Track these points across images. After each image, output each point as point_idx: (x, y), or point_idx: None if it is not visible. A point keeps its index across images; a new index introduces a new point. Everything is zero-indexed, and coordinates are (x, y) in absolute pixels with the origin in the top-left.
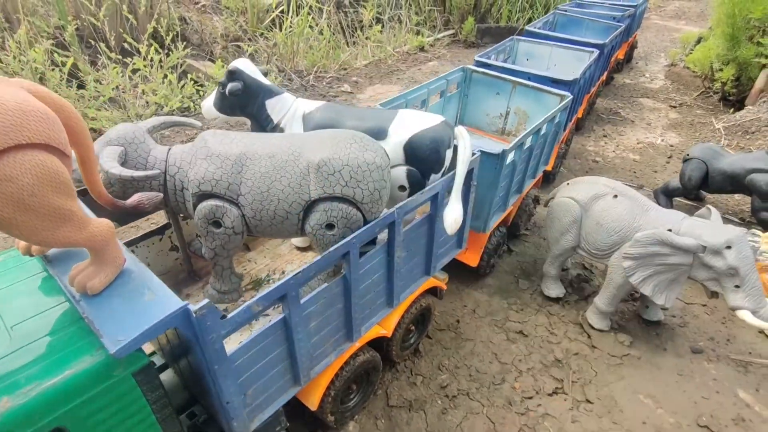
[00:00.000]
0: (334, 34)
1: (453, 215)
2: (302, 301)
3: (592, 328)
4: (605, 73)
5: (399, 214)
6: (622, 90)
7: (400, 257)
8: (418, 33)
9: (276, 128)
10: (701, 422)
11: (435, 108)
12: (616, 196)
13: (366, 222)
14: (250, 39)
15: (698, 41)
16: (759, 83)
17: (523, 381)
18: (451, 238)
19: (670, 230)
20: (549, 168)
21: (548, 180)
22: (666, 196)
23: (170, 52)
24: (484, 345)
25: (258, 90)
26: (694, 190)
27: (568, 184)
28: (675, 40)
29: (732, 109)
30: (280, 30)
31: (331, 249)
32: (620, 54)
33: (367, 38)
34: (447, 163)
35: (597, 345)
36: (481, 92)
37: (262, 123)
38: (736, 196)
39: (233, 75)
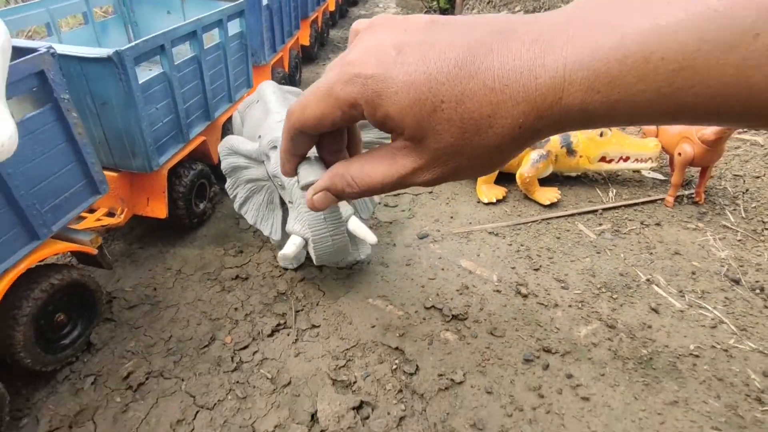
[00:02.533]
0: None
1: None
2: None
3: None
4: (329, 1)
5: None
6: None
7: None
8: None
9: None
10: (428, 303)
11: (80, 37)
12: (258, 101)
13: None
14: None
15: None
16: None
17: (237, 331)
18: (72, 180)
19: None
20: None
21: None
22: None
23: None
24: (191, 307)
25: None
26: None
27: None
28: None
29: None
30: None
31: None
32: None
33: None
34: None
35: None
36: (150, 15)
37: None
38: None
39: None
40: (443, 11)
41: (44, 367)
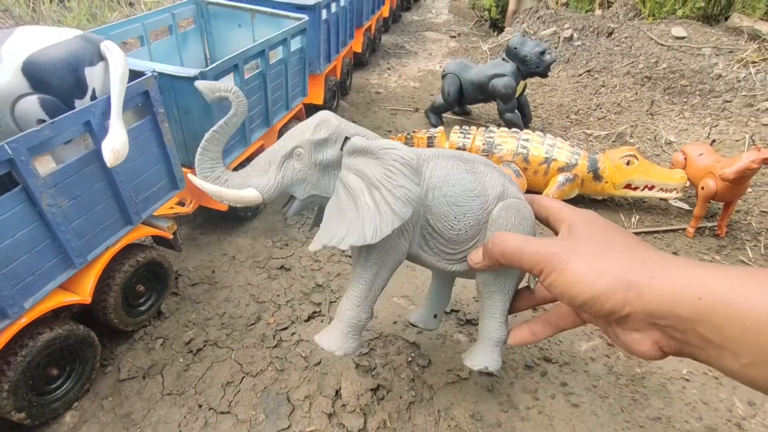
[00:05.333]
0: None
1: (111, 145)
2: None
3: None
4: (384, 8)
5: (18, 150)
6: (409, 26)
7: (54, 206)
8: None
9: None
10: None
11: (165, 46)
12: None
13: None
14: None
15: None
16: (511, 6)
17: (279, 314)
18: (159, 177)
19: None
20: (317, 101)
21: None
22: (434, 114)
23: None
24: (242, 289)
25: None
26: (454, 103)
27: None
28: None
29: (496, 32)
30: None
31: None
32: None
33: None
34: (96, 84)
35: None
36: (223, 27)
37: None
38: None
39: None
40: (494, 21)
41: (126, 327)
